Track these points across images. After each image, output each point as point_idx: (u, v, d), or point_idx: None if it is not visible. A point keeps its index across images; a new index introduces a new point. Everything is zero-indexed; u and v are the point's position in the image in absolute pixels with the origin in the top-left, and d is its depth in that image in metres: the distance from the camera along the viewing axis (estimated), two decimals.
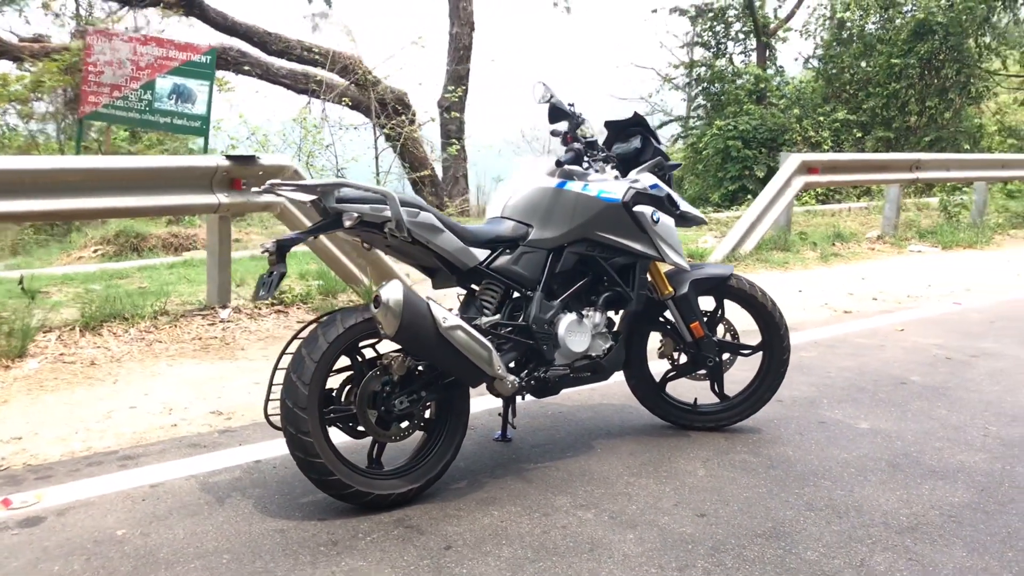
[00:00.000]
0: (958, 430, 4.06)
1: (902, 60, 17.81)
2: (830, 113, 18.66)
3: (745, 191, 18.10)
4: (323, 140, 14.28)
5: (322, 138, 14.42)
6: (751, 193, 18.07)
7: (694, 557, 2.81)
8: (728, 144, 18.24)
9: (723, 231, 10.40)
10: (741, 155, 18.15)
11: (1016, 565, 2.82)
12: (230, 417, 4.00)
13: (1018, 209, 11.99)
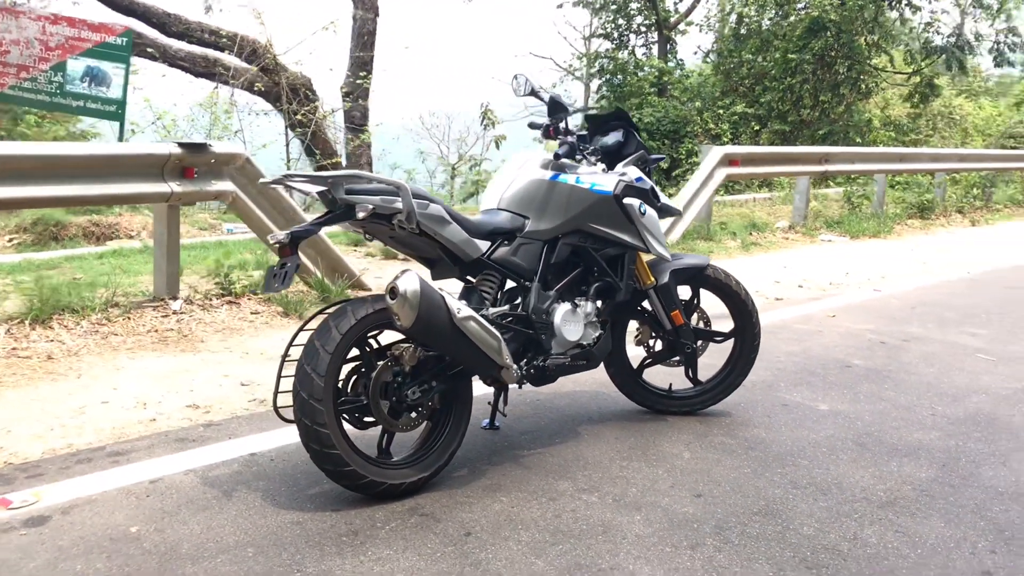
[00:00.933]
0: (908, 410, 4.33)
1: (797, 56, 18.52)
2: (729, 106, 19.27)
3: None
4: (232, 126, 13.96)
5: (230, 124, 14.09)
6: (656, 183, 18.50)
7: (701, 536, 2.95)
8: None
9: None
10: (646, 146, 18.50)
11: (990, 533, 3.06)
12: (208, 410, 3.94)
13: (912, 200, 12.67)
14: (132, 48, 10.07)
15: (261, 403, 4.05)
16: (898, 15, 19.08)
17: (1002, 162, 15.05)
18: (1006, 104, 31.28)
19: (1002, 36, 19.00)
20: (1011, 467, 3.67)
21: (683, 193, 8.89)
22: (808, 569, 2.77)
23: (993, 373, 5.04)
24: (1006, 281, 8.25)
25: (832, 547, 2.92)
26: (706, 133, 18.86)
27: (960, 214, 13.18)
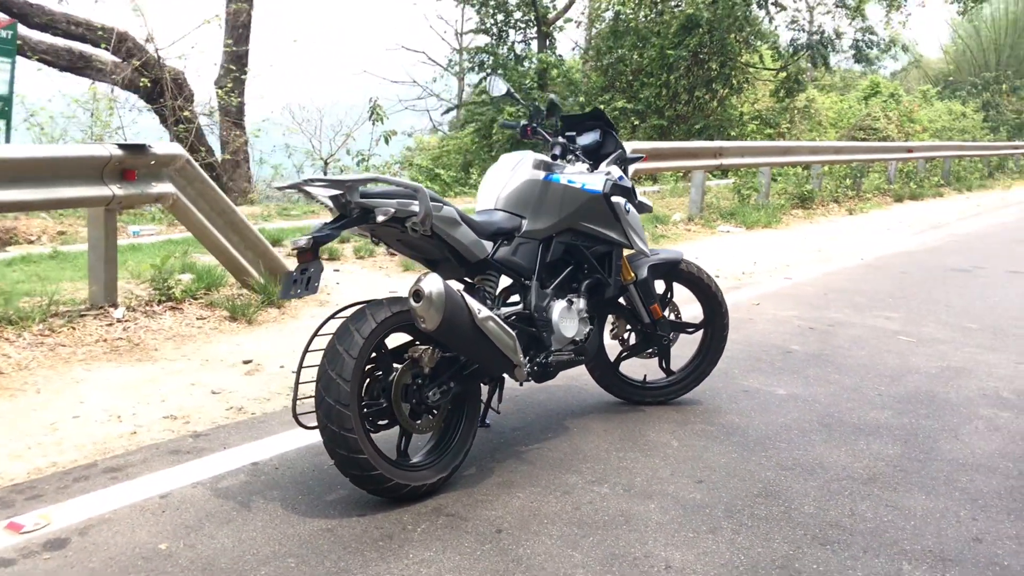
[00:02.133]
0: (856, 391, 4.62)
1: (674, 52, 19.12)
2: (610, 101, 19.71)
3: None
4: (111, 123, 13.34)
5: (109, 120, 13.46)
6: None
7: (715, 520, 3.09)
8: None
9: None
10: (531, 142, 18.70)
11: (966, 502, 3.33)
12: (188, 421, 3.83)
13: (793, 191, 13.34)
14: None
15: (240, 411, 3.96)
16: (766, 13, 19.99)
17: (870, 153, 16.01)
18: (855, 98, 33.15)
19: (859, 35, 20.17)
20: (963, 440, 3.98)
21: None
22: (822, 546, 2.95)
23: (917, 354, 5.41)
24: (896, 266, 8.82)
25: (835, 523, 3.11)
26: None
27: (836, 203, 13.96)
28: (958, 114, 37.50)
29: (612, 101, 19.72)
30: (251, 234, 5.66)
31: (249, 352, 4.77)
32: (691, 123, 19.55)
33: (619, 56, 20.32)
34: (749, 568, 2.78)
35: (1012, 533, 3.11)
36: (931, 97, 38.17)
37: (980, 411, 4.39)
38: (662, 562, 2.79)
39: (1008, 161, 24.68)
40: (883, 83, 36.63)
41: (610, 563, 2.77)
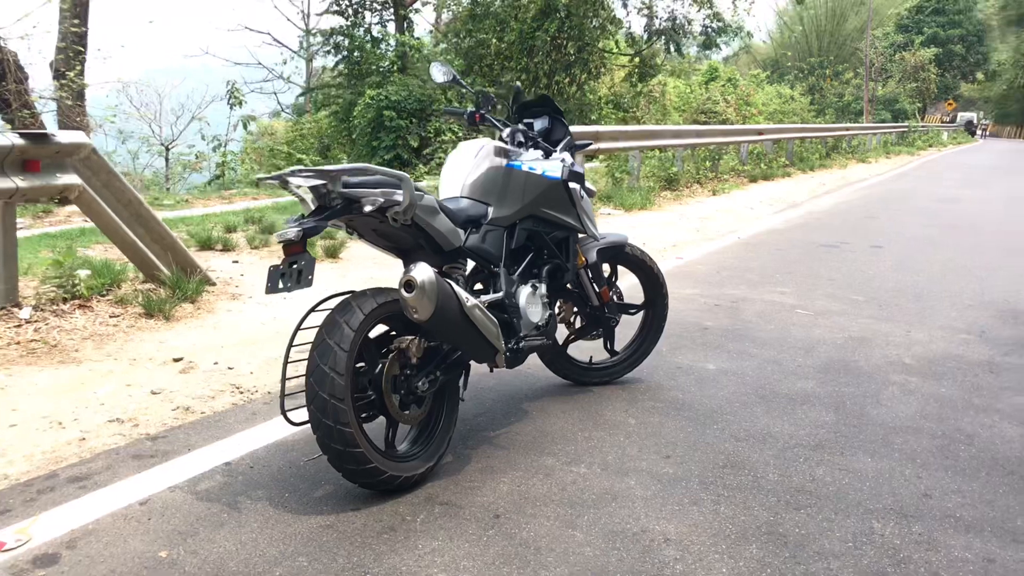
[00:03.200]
0: (777, 364, 4.88)
1: (533, 37, 19.36)
2: (472, 85, 19.74)
3: (401, 161, 18.64)
4: None
5: None
6: (405, 163, 18.68)
7: (693, 492, 3.24)
8: (383, 114, 18.59)
9: None
10: (395, 125, 18.61)
11: (906, 461, 3.61)
12: (137, 424, 3.67)
13: (660, 173, 13.82)
14: None
15: (188, 411, 3.82)
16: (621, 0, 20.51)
17: (727, 136, 16.73)
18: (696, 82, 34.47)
19: (708, 21, 21.00)
20: (886, 405, 4.29)
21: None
22: (796, 510, 3.14)
23: (819, 326, 5.76)
24: (771, 244, 9.31)
25: (801, 488, 3.31)
26: None
27: (699, 185, 14.54)
28: (787, 97, 39.54)
29: (473, 84, 19.75)
30: (158, 226, 5.42)
31: (176, 349, 4.59)
32: None
33: (479, 40, 20.40)
34: (739, 535, 2.93)
35: (954, 487, 3.40)
36: (761, 81, 40.06)
37: (891, 377, 4.73)
38: (660, 535, 2.90)
39: (842, 142, 26.30)
40: (721, 68, 38.33)
41: (612, 540, 2.85)
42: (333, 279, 6.39)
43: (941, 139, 41.92)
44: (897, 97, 52.81)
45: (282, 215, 8.76)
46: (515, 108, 3.99)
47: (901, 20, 62.66)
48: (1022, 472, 3.59)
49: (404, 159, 18.63)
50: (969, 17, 61.89)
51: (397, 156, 18.72)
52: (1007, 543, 2.99)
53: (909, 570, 2.77)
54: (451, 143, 18.82)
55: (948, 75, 61.11)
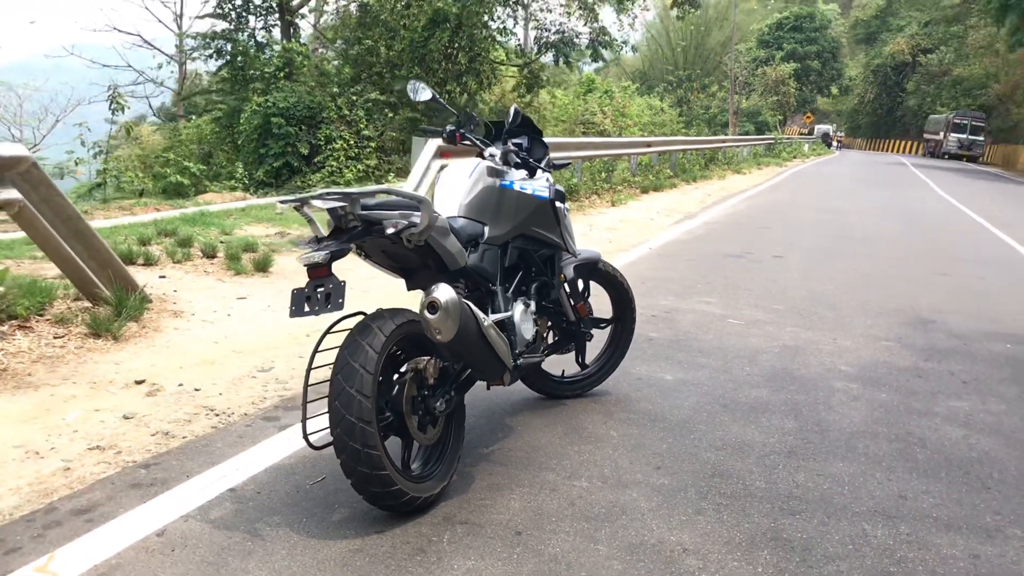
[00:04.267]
0: (727, 373, 5.10)
1: (425, 46, 19.35)
2: (362, 92, 19.59)
3: (291, 168, 18.32)
4: None
5: None
6: (296, 171, 18.38)
7: (693, 501, 3.37)
8: (271, 121, 18.21)
9: None
10: (283, 132, 18.25)
11: (874, 465, 3.85)
12: (119, 451, 3.53)
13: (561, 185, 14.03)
14: None
15: (168, 436, 3.70)
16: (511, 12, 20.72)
17: (621, 148, 17.14)
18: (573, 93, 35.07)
19: (595, 35, 21.47)
20: (838, 411, 4.54)
21: (407, 186, 9.08)
22: (792, 515, 3.31)
23: (752, 335, 6.02)
24: (682, 254, 9.63)
25: (789, 495, 3.49)
26: (342, 119, 19.04)
27: (597, 196, 14.85)
28: (657, 109, 40.71)
29: (364, 92, 19.61)
30: (96, 242, 5.20)
31: (135, 371, 4.43)
32: (445, 116, 19.88)
33: (368, 47, 20.24)
34: (749, 542, 3.07)
35: (923, 488, 3.65)
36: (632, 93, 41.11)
37: (834, 384, 5.01)
38: (677, 546, 3.01)
39: (718, 153, 27.30)
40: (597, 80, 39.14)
41: (634, 552, 2.95)
42: (268, 294, 6.27)
43: (803, 150, 44.01)
44: (760, 110, 55.13)
45: (191, 226, 8.51)
46: (491, 128, 4.03)
47: (762, 36, 65.52)
48: (976, 472, 3.88)
49: (294, 167, 18.32)
50: (824, 35, 65.25)
51: (287, 164, 18.39)
52: (984, 540, 3.24)
53: (909, 569, 2.98)
54: (342, 150, 18.63)
55: (806, 89, 64.25)
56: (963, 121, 51.02)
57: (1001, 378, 5.40)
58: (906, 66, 63.23)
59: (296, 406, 4.08)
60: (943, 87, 58.12)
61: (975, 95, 53.79)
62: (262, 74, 20.80)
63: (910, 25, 64.89)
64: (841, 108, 74.64)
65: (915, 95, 61.60)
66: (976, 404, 4.82)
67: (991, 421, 4.56)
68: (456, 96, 20.32)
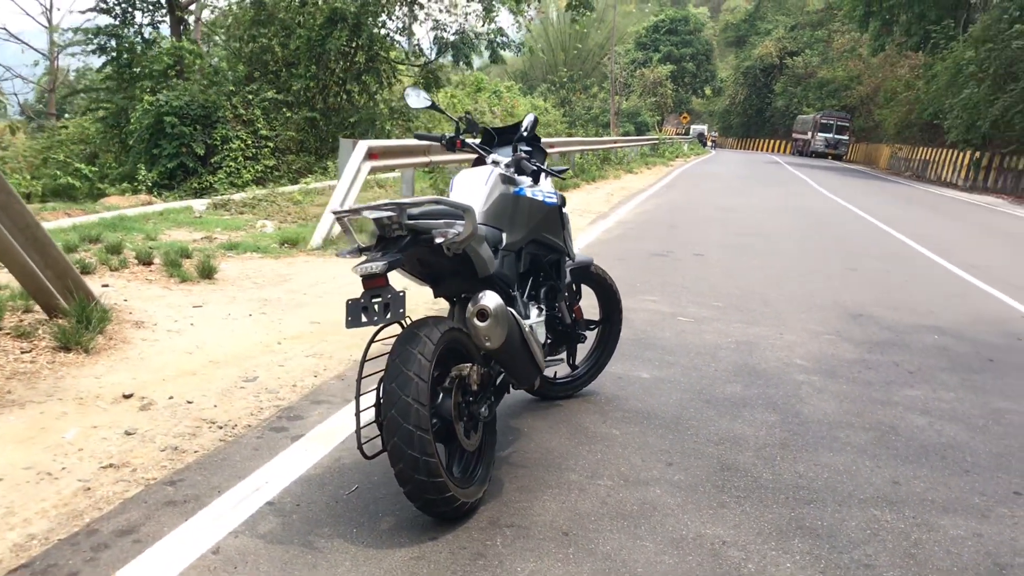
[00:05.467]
0: (696, 369, 5.29)
1: (323, 45, 19.05)
2: (258, 92, 19.13)
3: (186, 169, 17.74)
4: None
5: None
6: (191, 171, 17.81)
7: (715, 494, 3.52)
8: (164, 120, 17.57)
9: (267, 213, 10.51)
10: (177, 131, 17.64)
11: (861, 454, 4.09)
12: (134, 468, 3.42)
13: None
14: None
15: (178, 452, 3.60)
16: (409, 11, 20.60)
17: None
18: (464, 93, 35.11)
19: (493, 36, 21.61)
20: (810, 403, 4.79)
21: (338, 192, 8.95)
22: (807, 504, 3.50)
23: (705, 332, 6.25)
24: (611, 253, 9.83)
25: (797, 485, 3.68)
26: (238, 118, 18.55)
27: None
28: (542, 109, 41.19)
29: (260, 91, 19.15)
30: (54, 252, 4.98)
31: (119, 385, 4.27)
32: (345, 115, 19.65)
33: (263, 46, 19.80)
34: (778, 532, 3.24)
35: (911, 474, 3.90)
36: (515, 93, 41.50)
37: (797, 377, 5.27)
38: (716, 539, 3.15)
39: (611, 154, 27.86)
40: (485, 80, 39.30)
41: (680, 547, 3.07)
42: (223, 302, 6.12)
43: (683, 150, 45.34)
44: (639, 110, 56.51)
45: (113, 232, 8.20)
46: (495, 135, 4.07)
47: (640, 38, 67.16)
48: (952, 456, 4.16)
49: (189, 167, 17.75)
50: (698, 37, 67.40)
51: (181, 164, 17.79)
52: (980, 520, 3.50)
53: (927, 551, 3.19)
54: (239, 150, 18.17)
55: (682, 90, 66.23)
56: (829, 121, 53.56)
57: (941, 367, 5.77)
58: (774, 68, 65.90)
59: (298, 416, 4.05)
60: (809, 88, 60.85)
61: (840, 96, 56.56)
62: (150, 72, 20.06)
63: (777, 29, 67.66)
64: (714, 108, 77.21)
65: (783, 96, 64.26)
66: (928, 393, 5.15)
67: (947, 408, 4.88)
68: (356, 96, 20.10)
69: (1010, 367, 5.95)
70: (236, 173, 17.86)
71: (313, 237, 8.45)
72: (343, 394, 4.37)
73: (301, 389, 4.44)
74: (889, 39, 41.56)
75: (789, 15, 67.59)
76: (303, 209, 10.93)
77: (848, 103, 55.89)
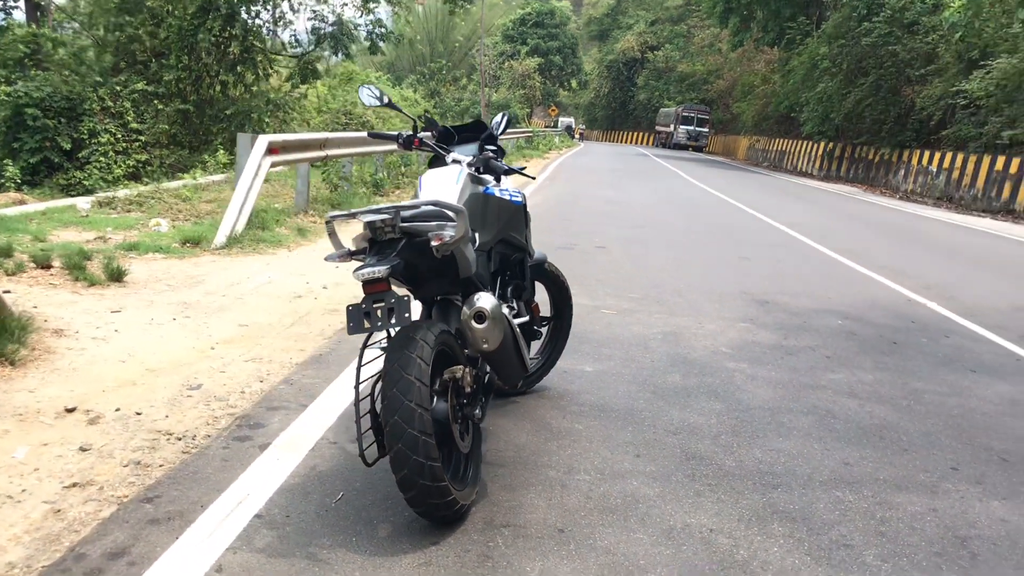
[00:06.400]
0: (634, 361, 5.42)
1: (195, 35, 18.34)
2: (127, 83, 18.26)
3: (50, 164, 16.80)
4: None
5: None
6: (56, 166, 16.89)
7: (689, 483, 3.64)
8: (24, 112, 16.55)
9: (156, 211, 10.08)
10: (40, 124, 16.65)
11: (806, 438, 4.29)
12: (100, 487, 3.23)
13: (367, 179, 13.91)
14: None
15: (141, 466, 3.44)
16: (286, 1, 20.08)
17: None
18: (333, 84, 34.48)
19: (373, 26, 21.32)
20: (747, 391, 4.98)
21: (239, 189, 8.63)
22: (774, 489, 3.66)
23: (630, 324, 6.39)
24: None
25: (760, 471, 3.84)
26: (105, 111, 17.68)
27: (400, 189, 14.84)
28: (412, 101, 40.91)
29: (130, 83, 18.29)
30: None
31: (56, 399, 4.03)
32: (220, 108, 19.00)
33: (130, 35, 18.91)
34: (758, 518, 3.38)
35: (858, 455, 4.13)
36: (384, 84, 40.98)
37: (727, 365, 5.46)
38: (704, 527, 3.26)
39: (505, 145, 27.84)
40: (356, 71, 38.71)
41: (672, 537, 3.16)
42: (141, 306, 5.85)
43: (555, 142, 45.90)
44: (509, 102, 56.79)
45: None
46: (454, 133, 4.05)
47: (507, 31, 67.48)
48: (888, 436, 4.42)
49: (54, 162, 16.81)
50: (564, 31, 68.28)
51: (45, 159, 16.83)
52: (931, 496, 3.74)
53: (894, 528, 3.39)
54: (109, 144, 17.35)
55: (549, 83, 66.99)
56: (690, 114, 55.27)
57: (853, 351, 6.09)
58: (636, 62, 67.41)
59: (258, 424, 3.94)
60: (670, 82, 62.58)
61: (700, 90, 58.45)
62: (3, 61, 18.85)
63: (638, 24, 69.21)
64: (579, 101, 78.47)
65: (645, 89, 65.85)
66: (849, 376, 5.43)
67: (871, 391, 5.16)
68: (231, 87, 19.47)
69: (913, 349, 6.33)
70: (107, 168, 17.03)
71: (216, 236, 8.16)
72: (296, 399, 4.27)
73: (251, 396, 4.31)
74: (747, 35, 43.18)
75: (649, 10, 69.25)
76: (194, 206, 10.53)
77: (707, 97, 57.81)
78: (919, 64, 27.67)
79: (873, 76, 29.15)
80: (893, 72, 28.67)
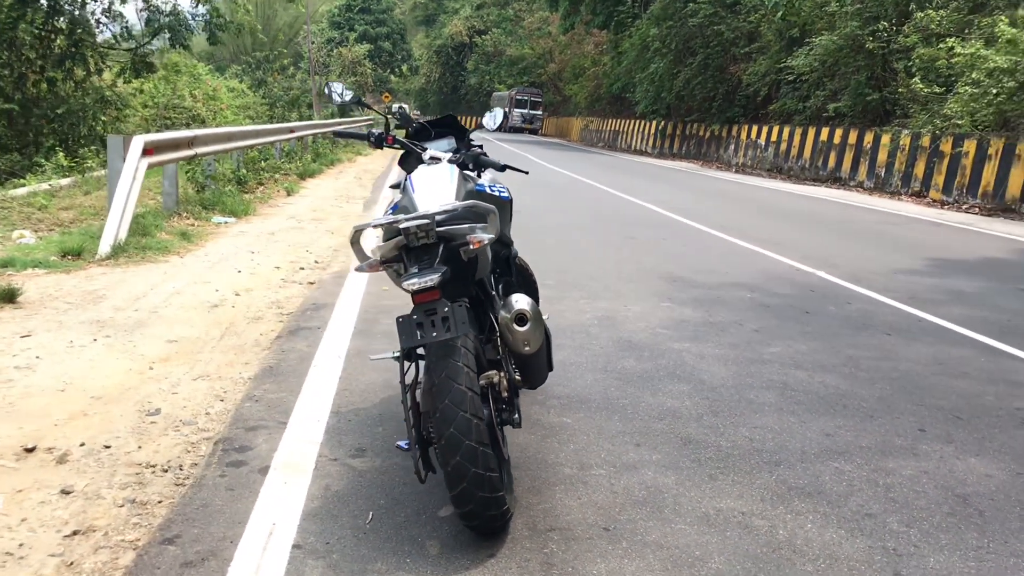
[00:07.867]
0: (585, 348, 5.44)
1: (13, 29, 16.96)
2: None
3: None
4: None
5: None
6: None
7: (699, 469, 3.68)
8: None
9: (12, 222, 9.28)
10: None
11: (781, 413, 4.43)
12: (106, 532, 2.92)
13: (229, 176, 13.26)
14: None
15: (136, 504, 3.15)
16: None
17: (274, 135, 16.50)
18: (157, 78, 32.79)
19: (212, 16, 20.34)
20: (704, 370, 5.10)
21: (118, 196, 8.00)
22: (777, 466, 3.76)
23: (564, 311, 6.39)
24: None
25: (753, 450, 3.93)
26: None
27: (262, 185, 14.27)
28: (239, 91, 39.49)
29: None
30: None
31: (7, 438, 3.63)
32: (49, 107, 17.67)
33: None
34: (777, 496, 3.45)
35: (834, 425, 4.29)
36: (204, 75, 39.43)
37: (672, 346, 5.56)
38: (735, 511, 3.30)
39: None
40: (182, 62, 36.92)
41: (711, 524, 3.19)
42: (53, 328, 5.37)
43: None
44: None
45: None
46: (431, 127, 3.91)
47: (333, 17, 66.15)
48: (850, 404, 4.61)
49: None
50: (392, 16, 67.61)
51: None
52: (916, 459, 3.93)
53: (901, 493, 3.54)
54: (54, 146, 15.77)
55: (380, 69, 66.17)
56: (524, 97, 55.96)
57: (775, 323, 6.32)
58: (464, 47, 67.62)
59: (244, 446, 3.70)
60: (501, 66, 63.10)
61: (531, 73, 59.20)
62: None
63: (464, 8, 69.41)
64: (411, 87, 77.96)
65: (475, 74, 66.20)
66: (786, 348, 5.63)
67: (812, 360, 5.37)
68: (61, 84, 18.12)
69: (827, 316, 6.63)
70: None
71: (100, 246, 7.59)
72: (272, 417, 4.04)
73: (219, 416, 4.04)
74: (577, 18, 44.04)
75: None
76: (53, 215, 9.76)
77: (539, 80, 58.64)
78: (743, 43, 29.03)
79: (701, 55, 30.36)
80: (719, 51, 29.96)
